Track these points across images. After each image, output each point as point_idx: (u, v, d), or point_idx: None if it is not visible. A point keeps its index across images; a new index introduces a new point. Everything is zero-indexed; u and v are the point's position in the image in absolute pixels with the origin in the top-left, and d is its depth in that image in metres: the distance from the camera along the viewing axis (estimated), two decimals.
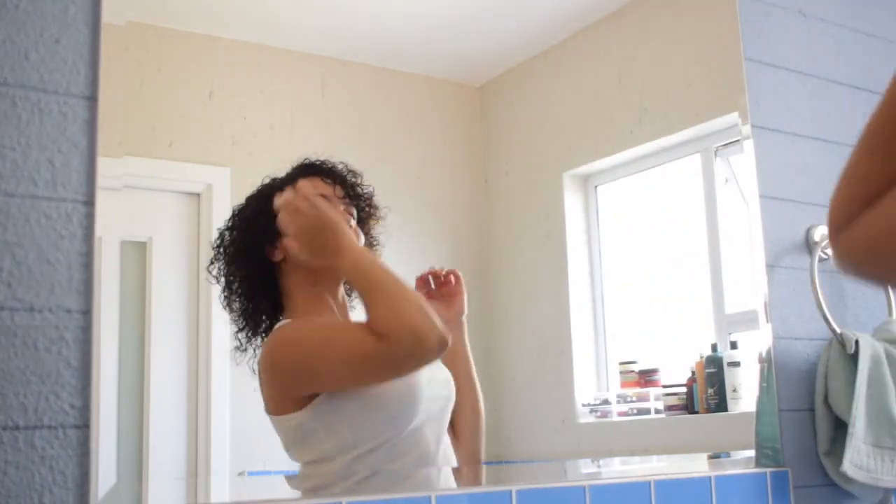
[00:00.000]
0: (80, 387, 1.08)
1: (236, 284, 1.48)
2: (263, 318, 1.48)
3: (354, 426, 1.36)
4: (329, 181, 1.51)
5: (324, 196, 1.46)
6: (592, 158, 2.34)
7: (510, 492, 1.38)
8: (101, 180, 1.13)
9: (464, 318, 1.62)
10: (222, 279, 1.49)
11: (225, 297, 1.49)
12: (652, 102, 2.21)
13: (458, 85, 2.38)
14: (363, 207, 1.55)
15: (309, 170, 1.52)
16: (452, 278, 1.62)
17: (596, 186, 2.35)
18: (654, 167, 2.27)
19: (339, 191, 1.51)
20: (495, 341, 2.32)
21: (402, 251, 2.21)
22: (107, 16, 1.16)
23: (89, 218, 1.12)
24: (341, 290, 1.53)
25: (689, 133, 2.16)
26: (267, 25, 2.03)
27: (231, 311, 1.49)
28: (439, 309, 1.45)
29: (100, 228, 1.12)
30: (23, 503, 1.03)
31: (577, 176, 2.35)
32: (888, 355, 1.76)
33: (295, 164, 1.54)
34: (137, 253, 1.71)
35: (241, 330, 1.48)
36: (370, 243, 1.57)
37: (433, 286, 1.62)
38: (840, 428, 1.74)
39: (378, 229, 1.58)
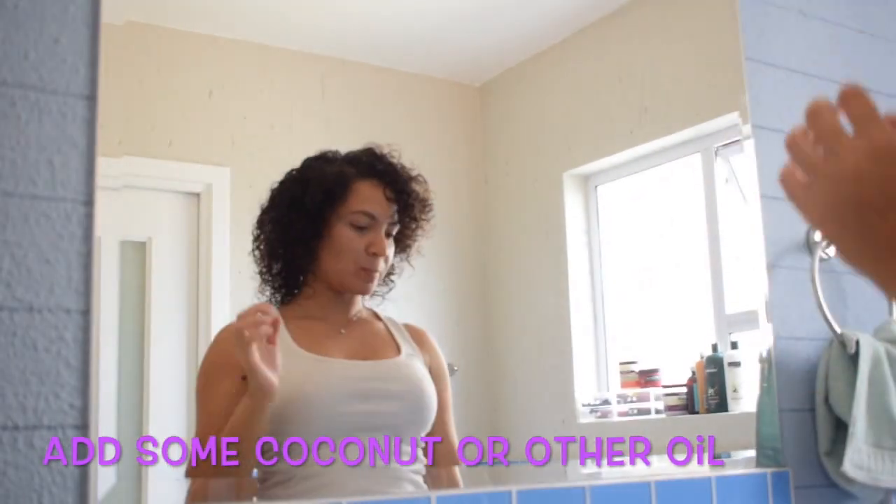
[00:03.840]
0: (80, 387, 1.08)
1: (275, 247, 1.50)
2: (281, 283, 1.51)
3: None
4: (391, 197, 1.50)
5: (370, 214, 1.47)
6: (592, 158, 2.34)
7: (510, 492, 1.38)
8: (100, 180, 1.13)
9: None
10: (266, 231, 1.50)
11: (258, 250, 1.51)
12: (652, 102, 2.21)
13: (458, 85, 2.38)
14: (410, 216, 1.54)
15: (375, 173, 1.51)
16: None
17: (596, 186, 2.35)
18: (654, 167, 2.27)
19: (394, 213, 1.51)
20: (495, 341, 2.31)
21: None
22: (106, 16, 1.16)
23: (89, 218, 1.12)
24: (357, 307, 1.53)
25: (689, 133, 2.16)
26: (267, 25, 2.02)
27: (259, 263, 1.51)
28: None
29: (99, 228, 1.12)
30: (23, 503, 1.03)
31: (577, 176, 2.35)
32: (889, 355, 1.75)
33: (363, 146, 1.54)
34: (137, 253, 1.71)
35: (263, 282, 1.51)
36: (406, 245, 1.56)
37: None
38: (841, 428, 1.74)
39: (419, 237, 1.57)
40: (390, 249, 1.51)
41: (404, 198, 1.51)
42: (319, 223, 1.47)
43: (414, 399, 1.46)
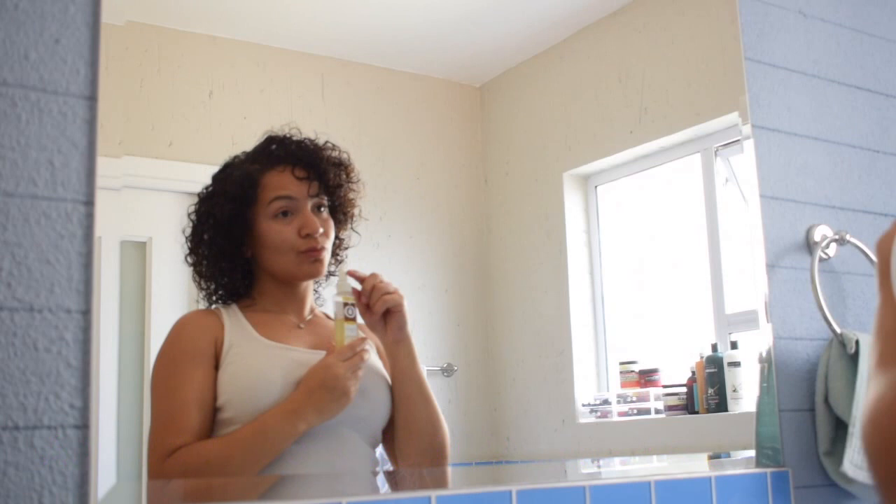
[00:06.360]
0: (80, 387, 1.08)
1: (207, 263, 1.48)
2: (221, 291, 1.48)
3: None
4: (302, 175, 1.46)
5: (286, 198, 1.44)
6: (592, 158, 2.34)
7: (510, 492, 1.38)
8: (100, 180, 1.13)
9: (407, 332, 1.45)
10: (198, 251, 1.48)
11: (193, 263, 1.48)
12: (652, 102, 2.21)
13: (458, 85, 2.39)
14: (331, 184, 1.49)
15: (278, 159, 1.47)
16: (372, 290, 1.42)
17: (596, 186, 2.35)
18: (654, 167, 2.28)
19: (313, 188, 1.47)
20: (495, 341, 2.32)
21: (402, 251, 2.21)
22: (107, 16, 1.16)
23: (89, 218, 1.12)
24: (311, 300, 1.51)
25: (689, 133, 2.16)
26: (267, 25, 2.03)
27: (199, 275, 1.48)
28: (376, 327, 1.44)
29: (100, 228, 1.12)
30: (23, 503, 1.03)
31: (577, 176, 2.36)
32: None
33: (261, 138, 1.50)
34: (137, 253, 1.71)
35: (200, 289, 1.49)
36: (343, 213, 1.52)
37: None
38: (840, 428, 1.74)
39: (352, 200, 1.52)
40: (328, 224, 1.47)
41: (316, 169, 1.47)
42: (244, 229, 1.45)
43: (378, 392, 1.45)
